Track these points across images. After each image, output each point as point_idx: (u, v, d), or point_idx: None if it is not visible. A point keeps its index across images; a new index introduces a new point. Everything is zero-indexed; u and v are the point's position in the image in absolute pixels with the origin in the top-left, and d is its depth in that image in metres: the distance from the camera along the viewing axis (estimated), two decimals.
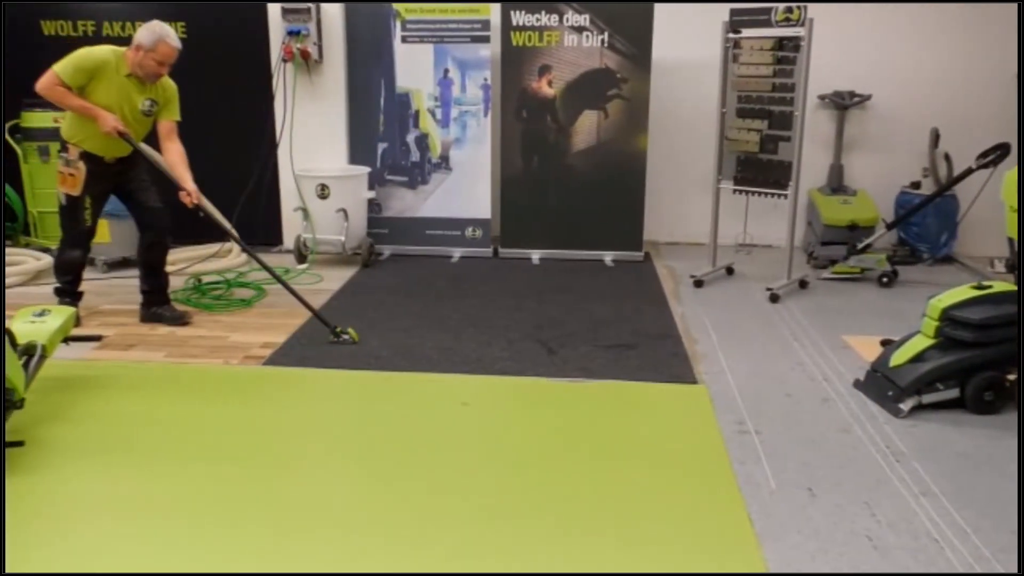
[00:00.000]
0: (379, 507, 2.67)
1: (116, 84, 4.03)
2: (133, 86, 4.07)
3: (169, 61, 4.06)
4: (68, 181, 4.10)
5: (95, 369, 3.83)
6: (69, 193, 4.12)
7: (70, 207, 4.18)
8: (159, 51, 4.00)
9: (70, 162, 4.08)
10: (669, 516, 2.63)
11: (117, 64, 4.02)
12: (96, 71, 3.98)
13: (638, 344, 4.20)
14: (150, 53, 3.99)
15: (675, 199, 6.48)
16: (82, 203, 4.16)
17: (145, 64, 4.01)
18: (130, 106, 4.08)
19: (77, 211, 4.18)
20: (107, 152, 4.15)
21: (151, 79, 4.09)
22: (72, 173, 4.07)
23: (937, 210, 5.85)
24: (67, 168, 4.09)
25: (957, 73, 6.09)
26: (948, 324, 3.41)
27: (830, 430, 3.26)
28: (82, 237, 4.28)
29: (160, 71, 4.07)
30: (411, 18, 5.86)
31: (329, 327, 4.17)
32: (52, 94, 3.96)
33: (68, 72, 3.94)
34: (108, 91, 4.01)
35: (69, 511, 2.63)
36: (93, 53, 4.02)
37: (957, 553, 2.44)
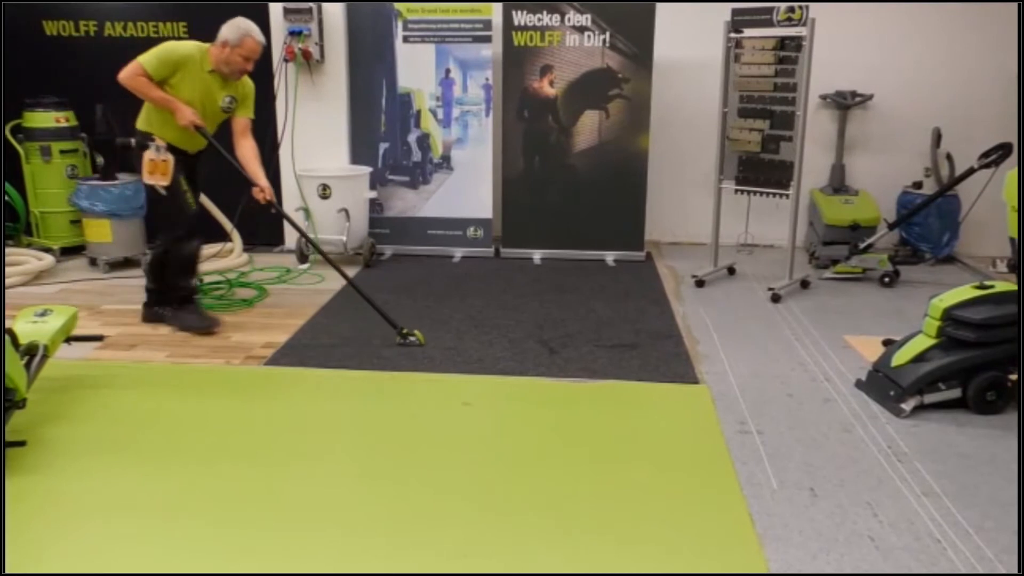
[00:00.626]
0: (381, 507, 2.67)
1: (199, 79, 4.01)
2: (215, 82, 4.05)
3: (254, 57, 4.04)
4: (160, 168, 4.02)
5: (97, 369, 3.83)
6: (162, 183, 4.05)
7: (170, 196, 4.10)
8: (245, 47, 3.97)
9: (160, 149, 4.01)
10: (670, 516, 2.63)
11: (201, 59, 4.00)
12: (180, 65, 3.96)
13: (640, 344, 4.20)
14: (236, 49, 3.97)
15: (676, 199, 6.47)
16: (181, 188, 4.12)
17: (231, 61, 3.99)
18: (210, 102, 4.07)
19: (179, 196, 4.12)
20: (186, 146, 4.14)
21: (235, 76, 4.07)
22: (164, 159, 4.01)
23: (939, 210, 5.84)
24: (157, 155, 4.01)
25: (959, 73, 6.09)
26: (950, 324, 3.41)
27: (832, 430, 3.26)
28: (194, 221, 4.25)
29: (246, 67, 4.05)
30: (413, 18, 5.86)
31: (396, 328, 4.13)
32: (134, 83, 3.91)
33: (153, 64, 3.91)
34: (191, 86, 3.99)
35: (71, 511, 2.63)
36: (179, 47, 4.01)
37: (959, 553, 2.44)
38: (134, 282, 5.33)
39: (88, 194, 5.47)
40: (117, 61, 5.95)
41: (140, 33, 6.00)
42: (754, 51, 5.10)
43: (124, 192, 5.52)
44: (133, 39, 6.01)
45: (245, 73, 4.10)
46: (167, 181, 4.06)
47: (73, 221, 5.80)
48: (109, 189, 5.49)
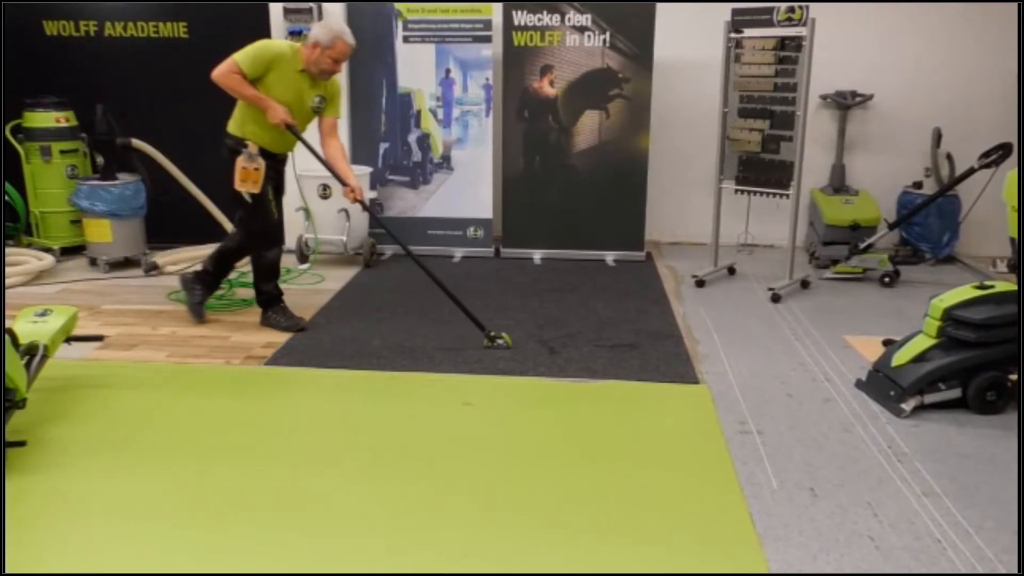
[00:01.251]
0: (381, 507, 2.67)
1: (290, 78, 4.00)
2: (305, 81, 4.04)
3: (344, 59, 4.03)
4: (252, 176, 4.01)
5: (97, 369, 3.83)
6: (252, 191, 4.04)
7: (256, 204, 4.10)
8: (336, 48, 3.95)
9: (252, 156, 4.00)
10: (671, 516, 2.63)
11: (293, 58, 3.99)
12: (273, 63, 3.95)
13: (640, 344, 4.20)
14: (327, 51, 3.95)
15: (677, 199, 6.47)
16: (267, 197, 4.11)
17: (321, 62, 3.97)
18: (300, 101, 4.06)
19: (264, 206, 4.11)
20: (275, 148, 4.13)
21: (324, 76, 4.06)
22: (256, 168, 4.00)
23: (939, 210, 5.84)
24: (250, 163, 4.00)
25: (959, 73, 6.09)
26: (950, 324, 3.41)
27: (832, 430, 3.26)
28: (275, 232, 4.28)
29: (335, 69, 4.03)
30: (413, 18, 5.86)
31: (484, 331, 4.10)
32: (228, 81, 3.90)
33: (247, 62, 3.90)
34: (283, 85, 3.98)
35: (71, 511, 2.63)
36: (272, 45, 4.01)
37: (959, 553, 2.44)
38: (134, 282, 5.34)
39: (88, 194, 5.47)
40: (117, 61, 6.02)
41: (140, 33, 6.00)
42: (754, 51, 5.10)
43: (124, 192, 5.52)
44: (133, 39, 6.02)
45: (333, 74, 4.08)
46: (257, 190, 4.04)
47: (73, 221, 5.80)
48: (109, 189, 5.49)
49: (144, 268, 5.50)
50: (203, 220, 5.89)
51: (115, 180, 5.55)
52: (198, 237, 5.94)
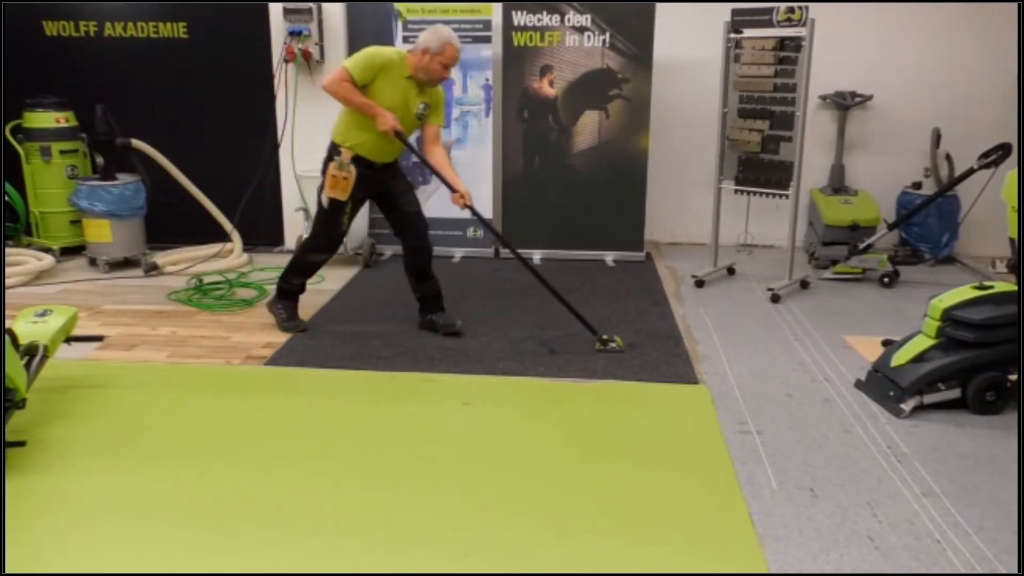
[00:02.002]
0: (381, 507, 2.67)
1: (398, 85, 3.93)
2: (412, 88, 3.97)
3: (453, 63, 3.95)
4: (340, 185, 3.98)
5: (97, 369, 3.83)
6: (336, 198, 4.02)
7: (331, 211, 4.08)
8: (446, 53, 3.88)
9: (343, 165, 3.97)
10: (670, 516, 2.63)
11: (400, 65, 3.93)
12: (382, 69, 3.89)
13: (640, 344, 4.20)
14: (437, 56, 3.87)
15: (676, 199, 6.48)
16: (344, 208, 4.08)
17: (431, 68, 3.89)
18: (406, 108, 3.97)
19: (338, 216, 4.10)
20: (379, 156, 4.06)
21: (432, 83, 3.99)
22: (345, 176, 3.97)
23: (939, 210, 5.85)
24: (340, 172, 3.97)
25: (959, 73, 6.09)
26: (950, 324, 3.41)
27: (832, 430, 3.26)
28: (335, 242, 4.23)
29: (445, 75, 3.97)
30: (412, 18, 5.86)
31: (596, 335, 4.10)
32: (339, 89, 3.85)
33: (357, 69, 3.85)
34: (392, 91, 3.92)
35: (71, 511, 2.63)
36: (382, 52, 3.95)
37: (959, 554, 2.44)
38: (134, 282, 5.34)
39: (88, 194, 5.47)
40: (117, 61, 6.02)
41: (140, 33, 6.00)
42: (754, 51, 5.10)
43: (124, 192, 5.52)
44: (133, 39, 6.01)
45: (442, 80, 4.02)
46: (344, 198, 4.02)
47: (73, 221, 5.80)
48: (109, 189, 5.49)
49: (144, 268, 5.51)
50: (203, 220, 5.90)
51: (115, 180, 5.55)
52: (198, 237, 5.94)
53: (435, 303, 4.41)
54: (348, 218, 4.16)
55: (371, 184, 4.10)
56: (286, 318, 4.38)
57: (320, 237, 4.24)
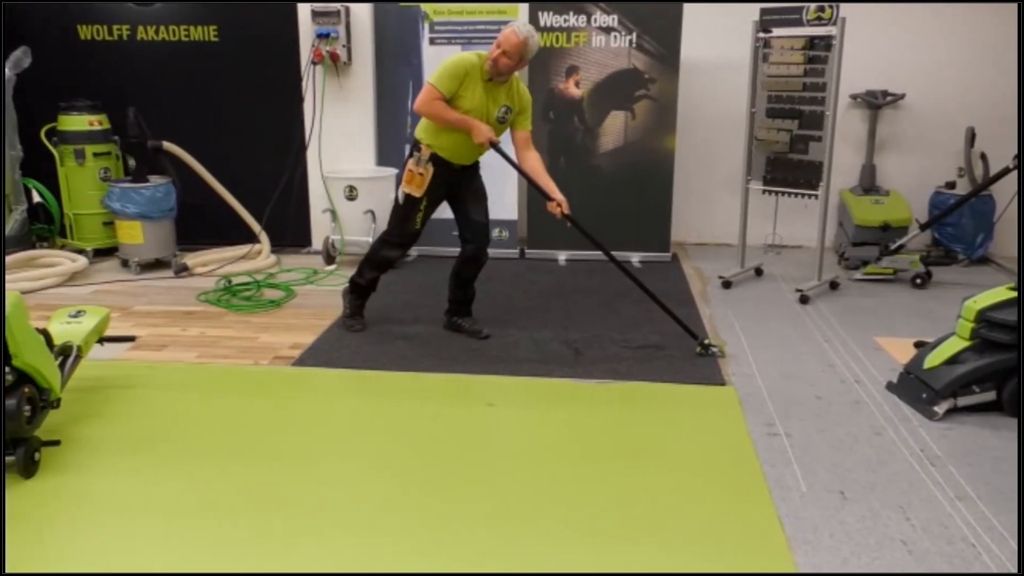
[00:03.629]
0: (405, 507, 2.68)
1: (479, 89, 3.90)
2: (491, 92, 3.94)
3: (515, 52, 3.78)
4: (415, 181, 4.01)
5: (128, 369, 3.88)
6: (412, 194, 4.03)
7: (406, 207, 4.09)
8: (509, 42, 3.78)
9: (421, 160, 3.99)
10: (698, 519, 2.61)
11: (481, 68, 3.89)
12: (465, 75, 3.87)
13: (666, 345, 4.17)
14: (500, 47, 3.80)
15: (703, 200, 6.43)
16: (419, 205, 4.07)
17: (498, 60, 3.81)
18: (487, 112, 3.93)
19: (412, 212, 4.09)
20: (458, 159, 4.07)
21: (501, 78, 3.89)
22: (421, 173, 3.99)
23: (973, 210, 5.74)
24: (417, 167, 3.99)
25: (994, 71, 5.97)
26: (984, 326, 3.35)
27: (862, 433, 3.21)
28: (408, 239, 4.23)
29: (509, 63, 3.81)
30: (439, 20, 5.88)
31: (696, 339, 4.08)
32: (432, 109, 3.85)
33: (444, 82, 3.83)
34: (472, 97, 3.88)
35: (102, 509, 2.67)
36: (464, 59, 3.90)
37: (994, 557, 2.39)
38: (164, 283, 5.41)
39: (120, 196, 5.56)
40: (149, 64, 6.10)
41: (172, 37, 6.08)
42: (783, 51, 5.05)
43: (155, 194, 5.60)
44: (165, 43, 6.10)
45: (510, 72, 3.90)
46: (420, 193, 4.03)
47: (106, 223, 5.89)
48: (140, 191, 5.57)
49: (174, 269, 5.58)
50: (232, 222, 5.96)
51: (146, 182, 5.63)
52: (227, 239, 6.01)
53: (465, 309, 4.44)
54: (423, 216, 4.14)
55: (447, 184, 4.10)
56: (348, 314, 4.41)
57: (393, 233, 4.23)
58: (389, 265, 4.35)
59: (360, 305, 4.45)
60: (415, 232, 4.19)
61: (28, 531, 2.52)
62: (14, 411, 2.71)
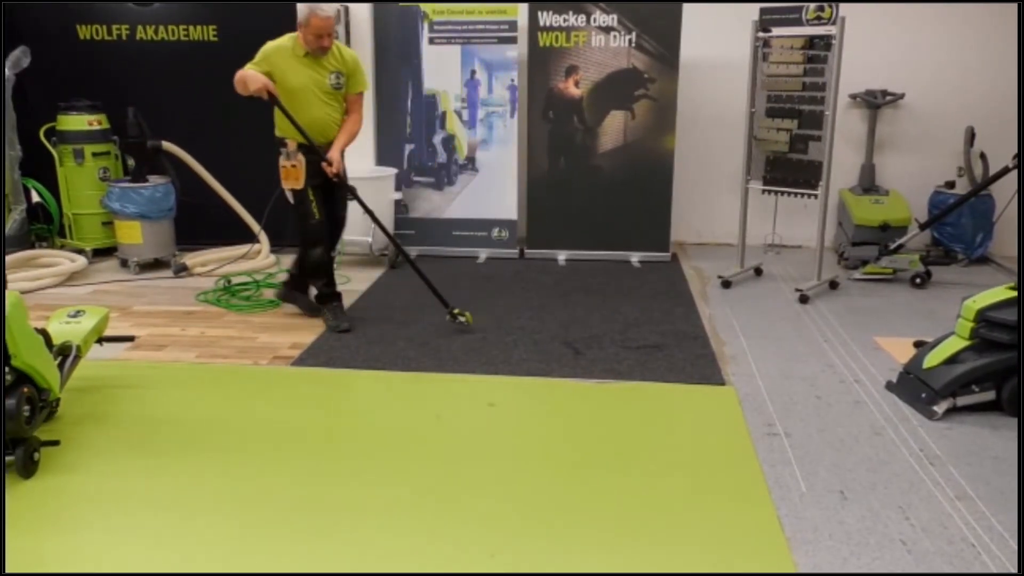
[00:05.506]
0: (408, 507, 2.68)
1: (296, 65, 4.12)
2: (314, 64, 4.15)
3: (324, 31, 4.07)
4: (291, 175, 4.14)
5: (128, 369, 3.88)
6: (293, 187, 4.17)
7: (298, 204, 4.23)
8: (312, 26, 4.05)
9: (290, 155, 4.13)
10: (698, 518, 2.61)
11: (294, 46, 4.13)
12: (274, 55, 4.10)
13: (666, 345, 4.17)
14: (306, 29, 4.06)
15: (703, 199, 6.43)
16: (308, 195, 4.21)
17: (308, 40, 4.08)
18: (319, 84, 4.17)
19: (305, 205, 4.23)
20: (315, 136, 4.18)
21: (321, 52, 4.14)
22: (294, 165, 4.12)
23: (972, 210, 5.75)
24: (288, 162, 4.13)
25: (993, 71, 5.98)
26: (984, 325, 3.35)
27: (862, 433, 3.21)
28: (317, 231, 4.33)
29: (321, 43, 4.09)
30: (439, 19, 5.88)
31: (447, 307, 4.22)
32: (239, 73, 4.03)
33: (253, 63, 4.08)
34: (293, 74, 4.11)
35: (102, 509, 2.67)
36: (273, 42, 4.16)
37: (994, 557, 2.39)
38: (164, 283, 5.41)
39: (119, 196, 5.56)
40: (148, 64, 6.09)
41: (171, 36, 6.07)
42: (782, 50, 5.05)
43: (154, 194, 5.60)
44: (164, 42, 6.09)
45: (326, 49, 4.14)
46: (300, 185, 4.15)
47: (105, 223, 5.89)
48: (140, 191, 5.57)
49: (174, 269, 5.57)
50: (231, 222, 5.96)
51: (145, 182, 5.63)
52: (227, 239, 6.00)
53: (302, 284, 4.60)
54: (316, 205, 4.26)
55: (319, 170, 4.20)
56: (331, 320, 4.45)
57: (302, 233, 4.36)
58: (323, 264, 4.43)
59: (336, 307, 4.49)
60: (320, 222, 4.31)
61: (28, 531, 2.52)
62: (13, 411, 2.71)
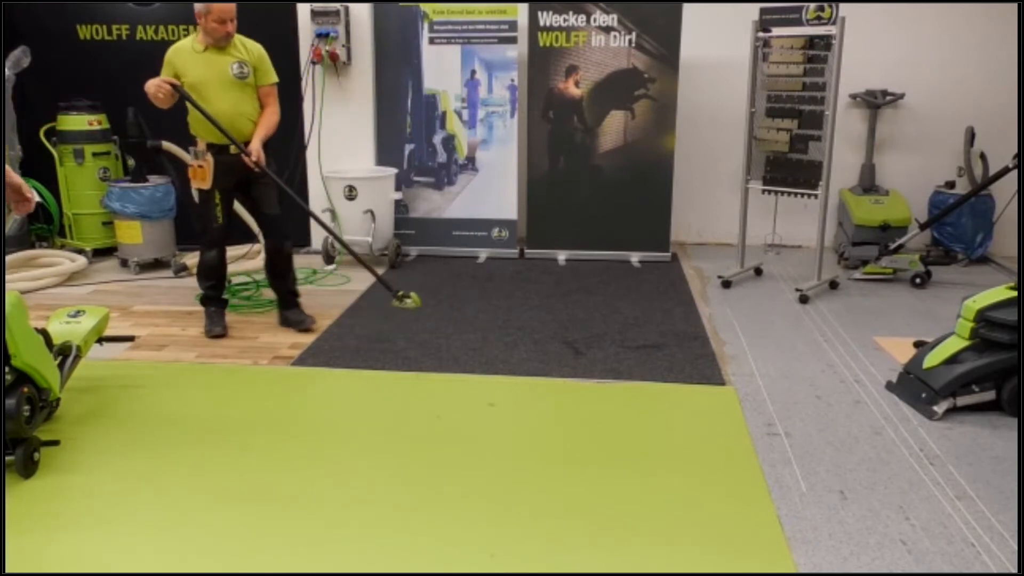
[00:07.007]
0: (407, 507, 2.68)
1: (196, 61, 4.09)
2: (214, 56, 4.10)
3: (228, 16, 4.05)
4: (198, 174, 4.11)
5: (128, 369, 3.88)
6: (200, 187, 4.13)
7: (202, 203, 4.20)
8: (213, 10, 4.01)
9: (198, 154, 4.12)
10: (698, 518, 2.61)
11: (191, 44, 4.12)
12: (174, 57, 4.09)
13: (666, 345, 4.17)
14: (208, 16, 4.02)
15: (703, 199, 6.43)
16: (213, 198, 4.17)
17: (208, 28, 4.04)
18: (220, 76, 4.09)
19: (208, 207, 4.20)
20: (219, 137, 4.10)
21: (224, 41, 4.10)
22: (201, 165, 4.10)
23: (972, 210, 5.75)
24: (195, 161, 4.10)
25: (993, 71, 5.98)
26: (984, 325, 3.35)
27: (862, 433, 3.21)
28: (216, 235, 4.29)
29: (225, 29, 4.05)
30: (439, 19, 5.88)
31: (392, 291, 4.19)
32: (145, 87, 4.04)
33: (161, 73, 4.08)
34: (194, 70, 4.07)
35: (102, 509, 2.67)
36: (173, 46, 4.16)
37: (994, 557, 2.39)
38: (164, 283, 5.41)
39: (119, 196, 5.56)
40: (148, 64, 6.05)
41: (171, 36, 6.06)
42: (782, 50, 5.05)
43: (154, 194, 5.60)
44: (164, 42, 6.06)
45: (230, 36, 4.10)
46: (206, 185, 4.12)
47: (105, 223, 5.89)
48: (140, 191, 5.57)
49: (174, 269, 5.57)
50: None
51: (145, 182, 5.63)
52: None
53: (289, 300, 4.50)
54: (220, 209, 4.23)
55: (230, 170, 4.16)
56: (207, 323, 4.40)
57: (202, 235, 4.32)
58: (215, 268, 4.37)
59: (216, 311, 4.43)
60: (220, 228, 4.28)
61: (28, 531, 2.52)
62: (13, 411, 2.71)
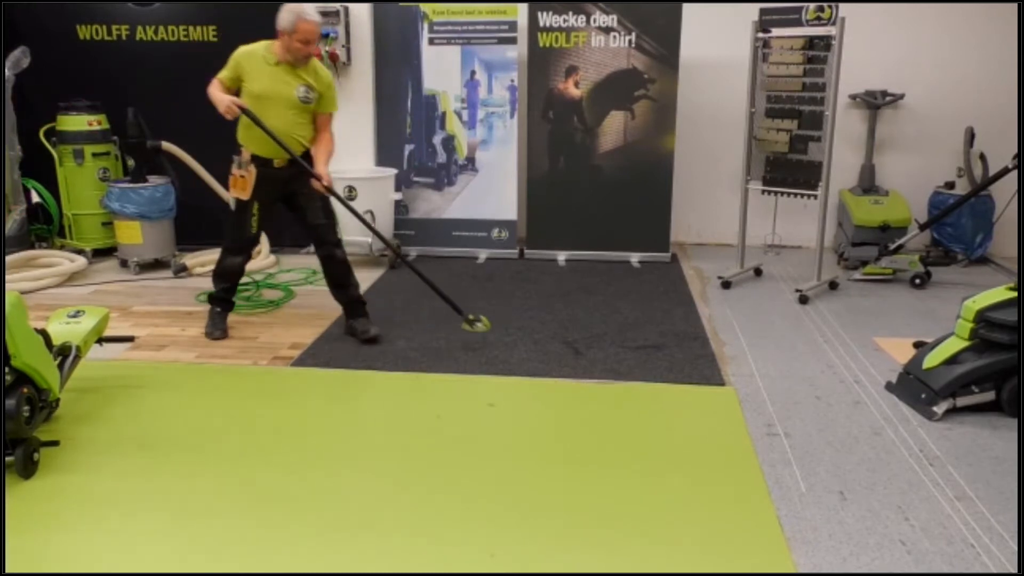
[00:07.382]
0: (406, 507, 2.68)
1: (265, 71, 4.00)
2: (285, 73, 4.01)
3: (312, 38, 3.97)
4: (239, 184, 4.06)
5: (128, 369, 3.88)
6: (239, 197, 4.08)
7: (238, 212, 4.14)
8: (300, 31, 3.91)
9: (242, 164, 4.05)
10: (697, 518, 2.61)
11: (265, 54, 4.02)
12: (243, 60, 4.01)
13: (666, 345, 4.17)
14: (293, 36, 3.92)
15: (703, 200, 6.43)
16: (250, 208, 4.12)
17: (292, 48, 3.95)
18: (278, 93, 4.00)
19: (244, 216, 4.14)
20: (270, 153, 4.07)
21: (303, 62, 4.03)
22: (243, 175, 4.04)
23: (972, 210, 5.75)
24: (238, 171, 4.05)
25: (993, 71, 5.98)
26: (984, 326, 3.35)
27: (862, 433, 3.21)
28: (245, 244, 4.28)
29: (308, 51, 3.98)
30: (438, 20, 5.88)
31: (462, 315, 4.17)
32: (209, 92, 3.99)
33: (224, 71, 4.03)
34: (259, 81, 3.99)
35: (101, 509, 2.67)
36: (243, 48, 4.07)
37: (994, 558, 2.39)
38: (164, 283, 5.41)
39: (119, 196, 5.55)
40: (148, 64, 6.10)
41: (171, 37, 6.07)
42: (782, 51, 5.05)
43: (154, 194, 5.60)
44: (164, 43, 6.09)
45: (311, 56, 4.04)
46: (246, 196, 4.07)
47: (105, 223, 5.89)
48: (139, 191, 5.56)
49: (173, 270, 5.57)
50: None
51: (145, 182, 5.63)
52: None
53: (355, 310, 4.40)
54: (256, 220, 4.18)
55: (272, 184, 4.11)
56: (209, 324, 4.39)
57: (230, 240, 4.28)
58: (235, 274, 4.36)
59: (220, 313, 4.41)
60: (251, 237, 4.25)
61: (28, 531, 2.52)
62: (13, 411, 2.71)
